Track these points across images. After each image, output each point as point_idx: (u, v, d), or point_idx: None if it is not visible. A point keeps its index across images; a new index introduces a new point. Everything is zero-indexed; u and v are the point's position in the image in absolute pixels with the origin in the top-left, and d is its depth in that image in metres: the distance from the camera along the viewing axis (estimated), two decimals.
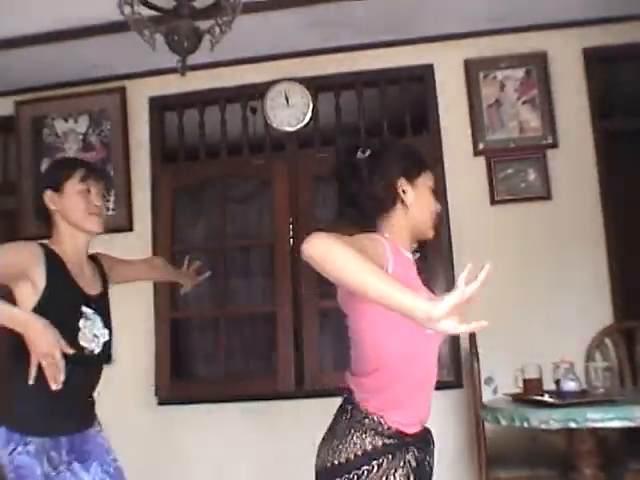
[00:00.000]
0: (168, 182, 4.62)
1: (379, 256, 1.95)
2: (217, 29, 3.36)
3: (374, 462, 1.98)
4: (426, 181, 2.24)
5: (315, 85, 4.58)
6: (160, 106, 4.73)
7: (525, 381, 3.35)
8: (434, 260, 4.35)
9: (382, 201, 2.15)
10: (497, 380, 3.99)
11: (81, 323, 2.42)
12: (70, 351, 2.21)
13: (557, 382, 3.24)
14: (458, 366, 4.20)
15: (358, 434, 2.03)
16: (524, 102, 4.43)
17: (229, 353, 4.59)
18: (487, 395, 3.78)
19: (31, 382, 2.19)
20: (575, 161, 4.32)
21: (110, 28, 3.85)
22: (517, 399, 3.25)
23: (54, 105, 4.70)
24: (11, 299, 2.33)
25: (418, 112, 4.54)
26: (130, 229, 4.56)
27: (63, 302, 2.41)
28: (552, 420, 2.78)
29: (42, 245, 2.44)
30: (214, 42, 3.38)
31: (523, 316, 4.14)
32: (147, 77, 4.63)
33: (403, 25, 4.30)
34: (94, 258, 2.72)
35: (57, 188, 2.52)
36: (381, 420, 2.03)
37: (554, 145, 4.35)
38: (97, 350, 2.46)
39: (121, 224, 4.52)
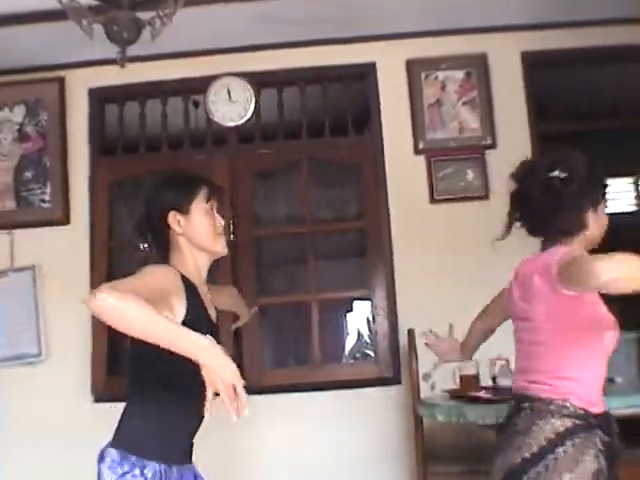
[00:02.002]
0: (107, 175, 4.53)
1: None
2: (158, 21, 3.30)
3: (568, 442, 2.05)
4: (603, 208, 2.33)
5: (258, 80, 4.53)
6: (100, 98, 4.62)
7: (462, 377, 3.37)
8: (374, 256, 4.35)
9: (571, 225, 2.26)
10: (435, 376, 3.99)
11: None
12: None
13: (493, 378, 3.27)
14: (397, 362, 4.21)
15: (545, 420, 2.10)
16: (464, 103, 4.46)
17: None
18: (425, 391, 3.78)
19: (207, 415, 2.05)
20: (513, 162, 4.30)
21: (49, 16, 3.73)
22: (454, 395, 3.27)
23: None
24: None
25: (360, 110, 4.54)
26: (67, 222, 4.45)
27: (200, 331, 2.16)
28: (488, 416, 2.80)
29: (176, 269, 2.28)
30: (155, 34, 3.31)
31: (461, 314, 4.14)
32: (87, 67, 4.51)
33: (347, 23, 4.28)
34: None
35: (182, 209, 2.34)
36: (567, 403, 2.10)
37: (493, 146, 4.40)
38: None
39: (57, 217, 4.41)
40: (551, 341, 2.18)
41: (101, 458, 2.19)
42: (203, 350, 1.93)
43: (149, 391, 2.22)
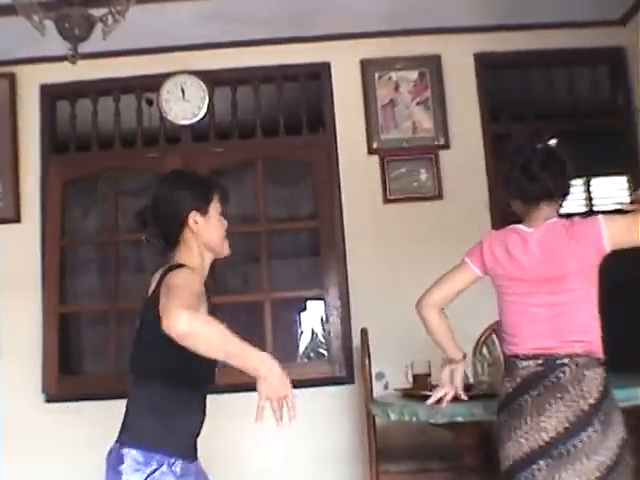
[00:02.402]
0: (58, 173, 4.46)
1: None
2: (110, 18, 3.26)
3: (609, 387, 2.38)
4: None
5: (212, 79, 4.51)
6: (52, 94, 4.56)
7: (415, 376, 3.38)
8: (328, 256, 4.36)
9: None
10: (388, 376, 4.02)
11: None
12: None
13: None
14: (350, 362, 4.23)
15: (592, 370, 2.38)
16: (418, 103, 4.49)
17: (120, 348, 4.47)
18: (378, 390, 3.81)
19: (258, 421, 2.15)
20: (465, 162, 4.41)
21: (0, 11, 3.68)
22: (407, 394, 3.28)
23: None
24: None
25: (314, 110, 4.54)
26: (17, 220, 4.38)
27: None
28: (439, 415, 2.82)
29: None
30: (107, 31, 3.28)
31: (413, 313, 4.18)
32: (39, 64, 4.45)
33: (302, 22, 4.29)
34: None
35: (202, 210, 2.35)
36: (598, 356, 2.42)
37: (446, 146, 4.44)
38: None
39: (8, 215, 4.34)
40: (583, 298, 2.43)
41: (118, 461, 2.18)
42: (265, 364, 2.10)
43: (158, 387, 2.22)
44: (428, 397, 3.00)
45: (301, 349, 5.60)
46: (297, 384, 4.36)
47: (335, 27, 4.40)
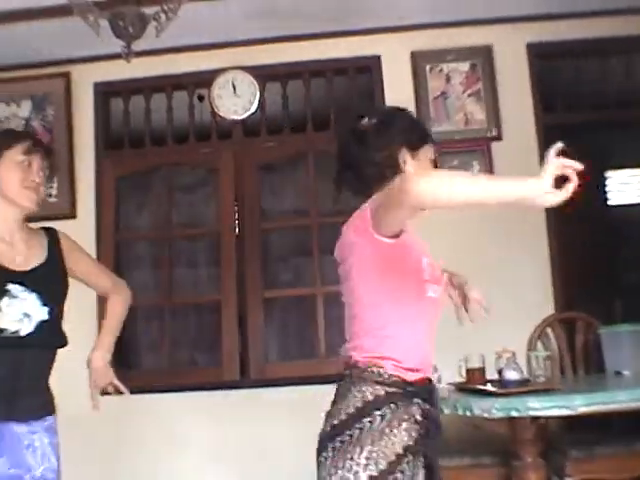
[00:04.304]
0: (113, 169, 4.53)
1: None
2: (163, 16, 3.30)
3: (376, 412, 1.91)
4: (427, 153, 2.20)
5: (262, 74, 4.53)
6: (105, 92, 4.63)
7: (468, 371, 3.36)
8: None
9: (383, 169, 2.12)
10: (441, 369, 3.99)
11: (3, 302, 2.19)
12: None
13: (499, 371, 3.26)
14: None
15: (358, 388, 1.97)
16: (469, 95, 4.45)
17: (174, 343, 4.53)
18: None
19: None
20: (518, 153, 4.35)
21: (55, 12, 3.74)
22: (460, 388, 3.26)
23: None
24: None
25: (365, 103, 4.53)
26: (73, 216, 4.46)
27: None
28: (494, 409, 2.79)
29: None
30: (160, 29, 3.31)
31: None
32: (93, 62, 4.52)
33: (351, 16, 4.28)
34: (48, 231, 2.55)
35: None
36: (381, 370, 1.97)
37: (498, 138, 4.39)
38: (27, 331, 2.22)
39: (64, 211, 4.41)
40: (364, 298, 2.07)
41: None
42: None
43: None
44: (483, 391, 2.99)
45: None
46: None
47: (385, 20, 4.38)
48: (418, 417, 1.95)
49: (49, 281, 2.38)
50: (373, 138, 2.14)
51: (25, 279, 2.27)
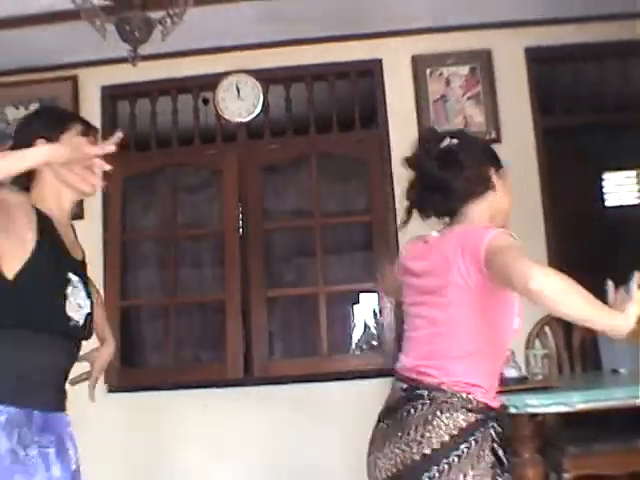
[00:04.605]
0: (119, 171, 4.50)
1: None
2: (169, 20, 3.30)
3: (471, 438, 1.92)
4: (506, 175, 2.24)
5: (266, 77, 4.53)
6: (112, 95, 4.63)
7: None
8: (381, 250, 4.35)
9: (474, 185, 2.13)
10: None
11: (69, 290, 2.04)
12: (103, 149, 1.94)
13: None
14: None
15: (447, 414, 1.94)
16: (469, 98, 4.45)
17: (179, 341, 4.53)
18: None
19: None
20: (517, 155, 4.34)
21: (63, 17, 3.75)
22: None
23: (5, 92, 4.54)
24: None
25: (367, 106, 4.53)
26: (81, 217, 4.45)
27: (53, 266, 2.03)
28: None
29: (27, 198, 2.06)
30: (165, 33, 3.31)
31: None
32: (100, 66, 4.52)
33: (353, 20, 4.28)
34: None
35: (52, 138, 2.07)
36: (471, 397, 1.96)
37: (497, 140, 4.38)
38: (81, 322, 2.08)
39: (72, 212, 4.40)
40: (463, 322, 2.01)
41: None
42: (32, 155, 1.84)
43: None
44: None
45: (354, 342, 5.60)
46: (351, 376, 4.43)
47: (386, 24, 4.38)
48: (496, 438, 1.98)
49: (87, 275, 2.24)
50: (463, 156, 2.13)
51: (78, 268, 2.15)
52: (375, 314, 4.95)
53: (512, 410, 2.73)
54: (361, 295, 5.50)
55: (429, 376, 2.02)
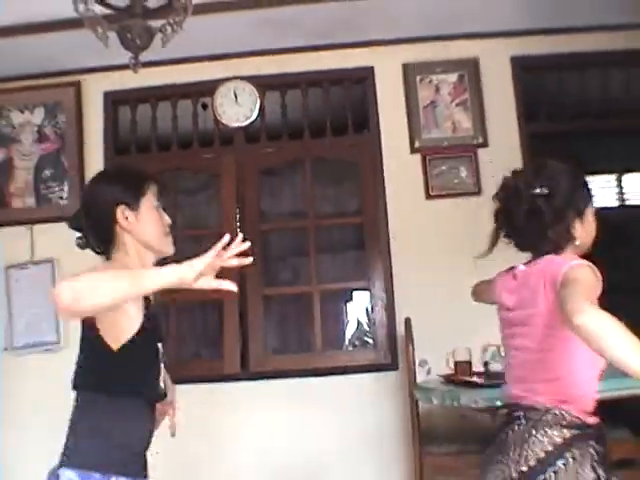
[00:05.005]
0: None
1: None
2: (169, 28, 3.29)
3: (567, 454, 1.89)
4: (591, 211, 2.19)
5: (263, 84, 4.53)
6: (114, 100, 4.62)
7: (456, 363, 3.38)
8: (372, 250, 4.36)
9: (558, 241, 2.10)
10: (430, 362, 4.01)
11: (162, 365, 2.03)
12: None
13: (485, 364, 3.28)
14: (394, 349, 4.22)
15: (542, 431, 1.93)
16: (457, 104, 4.46)
17: (179, 339, 4.53)
18: (421, 376, 3.80)
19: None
20: (503, 160, 4.34)
21: (67, 25, 3.73)
22: (448, 380, 3.28)
23: (10, 97, 4.54)
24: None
25: (359, 111, 4.54)
26: None
27: (152, 339, 2.00)
28: (480, 399, 2.81)
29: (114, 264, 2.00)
30: (165, 41, 3.31)
31: (455, 302, 4.16)
32: (102, 72, 4.51)
33: (347, 29, 4.28)
34: None
35: (132, 204, 2.02)
36: (564, 412, 1.94)
37: (484, 145, 4.40)
38: (164, 387, 2.06)
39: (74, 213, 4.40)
40: (551, 347, 2.00)
41: None
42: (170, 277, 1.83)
43: (96, 401, 1.93)
44: (469, 383, 3.00)
45: (347, 338, 5.61)
46: (344, 371, 4.44)
47: (378, 33, 4.38)
48: (595, 457, 1.92)
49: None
50: (547, 209, 2.08)
51: (161, 335, 2.10)
52: (367, 311, 4.96)
53: (498, 403, 2.75)
54: (354, 293, 5.50)
55: (524, 398, 2.04)
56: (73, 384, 1.99)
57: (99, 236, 2.07)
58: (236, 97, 4.50)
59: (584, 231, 2.15)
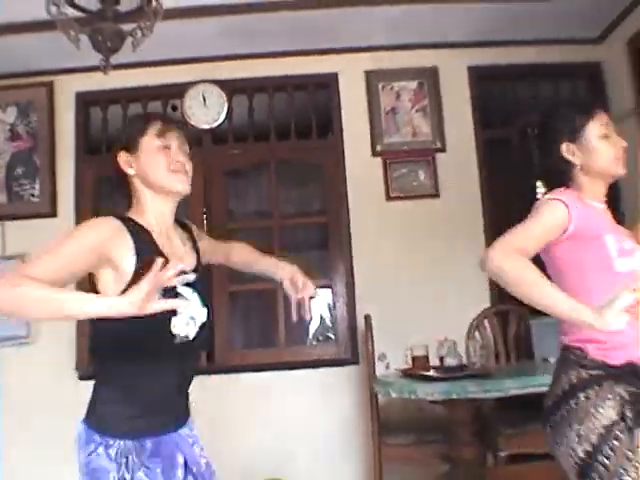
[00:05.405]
0: (91, 172, 4.46)
1: (558, 226, 1.95)
2: (139, 32, 3.27)
3: (581, 394, 1.87)
4: (593, 130, 2.06)
5: (231, 87, 4.51)
6: (85, 101, 4.56)
7: (414, 358, 3.39)
8: (335, 249, 4.37)
9: (561, 170, 2.10)
10: (389, 357, 4.03)
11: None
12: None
13: (441, 358, 3.30)
14: (355, 344, 4.23)
15: (564, 371, 1.95)
16: (417, 110, 4.49)
17: None
18: (380, 370, 3.82)
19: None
20: (460, 164, 4.42)
21: (40, 27, 3.68)
22: (406, 374, 3.29)
23: None
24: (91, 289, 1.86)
25: (324, 116, 4.54)
26: (54, 215, 4.39)
27: None
28: (436, 392, 2.83)
29: (124, 219, 1.86)
30: (136, 44, 3.29)
31: (413, 300, 4.21)
32: (74, 73, 4.45)
33: (313, 37, 4.29)
34: (184, 225, 2.13)
35: (132, 148, 1.94)
36: (583, 353, 1.92)
37: (442, 149, 4.44)
38: (192, 334, 1.87)
39: (45, 210, 4.35)
40: (559, 281, 1.97)
41: (77, 435, 1.87)
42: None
43: (108, 361, 1.87)
44: (426, 376, 3.02)
45: (311, 333, 5.60)
46: (307, 365, 4.44)
47: (342, 41, 4.39)
48: (626, 397, 1.86)
49: (204, 280, 2.03)
50: (543, 143, 2.16)
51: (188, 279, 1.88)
52: (330, 308, 4.96)
53: (453, 396, 2.78)
54: (318, 290, 5.49)
55: (561, 341, 2.05)
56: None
57: (120, 191, 2.01)
58: (205, 100, 4.48)
59: (586, 152, 2.06)
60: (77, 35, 3.17)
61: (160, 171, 1.93)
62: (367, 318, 3.81)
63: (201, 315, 1.89)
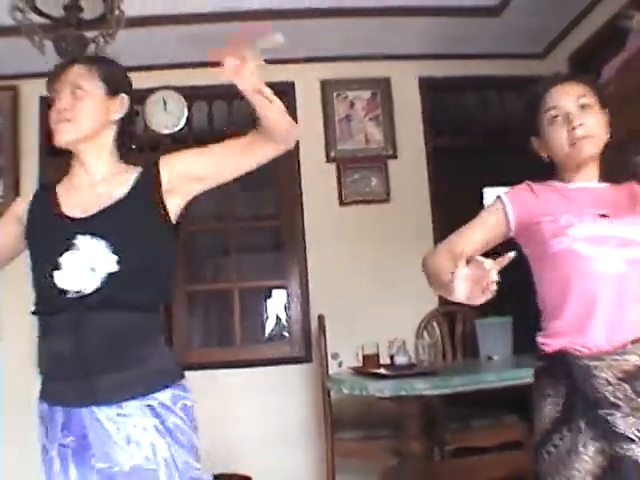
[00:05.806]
0: (55, 174, 4.32)
1: (495, 219, 1.88)
2: (102, 39, 3.24)
3: (535, 387, 1.76)
4: (545, 116, 1.89)
5: (191, 94, 4.48)
6: (50, 105, 4.46)
7: (365, 356, 3.41)
8: (289, 251, 4.38)
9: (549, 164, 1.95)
10: (342, 355, 4.05)
11: (63, 258, 1.62)
12: None
13: (391, 357, 3.33)
14: (308, 343, 4.25)
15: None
16: (370, 119, 4.52)
17: None
18: (333, 368, 3.84)
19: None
20: (411, 170, 4.47)
21: (5, 32, 3.63)
22: (358, 372, 3.31)
23: None
24: None
25: None
26: None
27: (41, 239, 1.72)
28: (386, 389, 2.85)
29: (42, 187, 1.93)
30: (98, 51, 3.25)
31: (365, 301, 4.24)
32: (38, 78, 4.32)
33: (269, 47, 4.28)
34: (146, 166, 1.91)
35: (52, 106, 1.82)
36: (538, 343, 1.77)
37: (394, 156, 4.48)
38: (91, 288, 1.60)
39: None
40: (536, 279, 1.87)
41: None
42: None
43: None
44: (377, 374, 3.04)
45: (266, 332, 5.61)
46: (262, 363, 4.44)
47: (299, 52, 4.39)
48: (563, 390, 1.67)
49: (124, 222, 1.71)
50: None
51: (92, 226, 1.67)
52: (285, 308, 4.97)
53: (402, 392, 2.80)
54: (273, 291, 5.50)
55: None
56: None
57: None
58: (165, 105, 4.45)
59: (548, 144, 1.90)
60: (41, 41, 3.13)
61: (53, 127, 1.87)
62: (320, 318, 3.83)
63: (106, 265, 1.62)
